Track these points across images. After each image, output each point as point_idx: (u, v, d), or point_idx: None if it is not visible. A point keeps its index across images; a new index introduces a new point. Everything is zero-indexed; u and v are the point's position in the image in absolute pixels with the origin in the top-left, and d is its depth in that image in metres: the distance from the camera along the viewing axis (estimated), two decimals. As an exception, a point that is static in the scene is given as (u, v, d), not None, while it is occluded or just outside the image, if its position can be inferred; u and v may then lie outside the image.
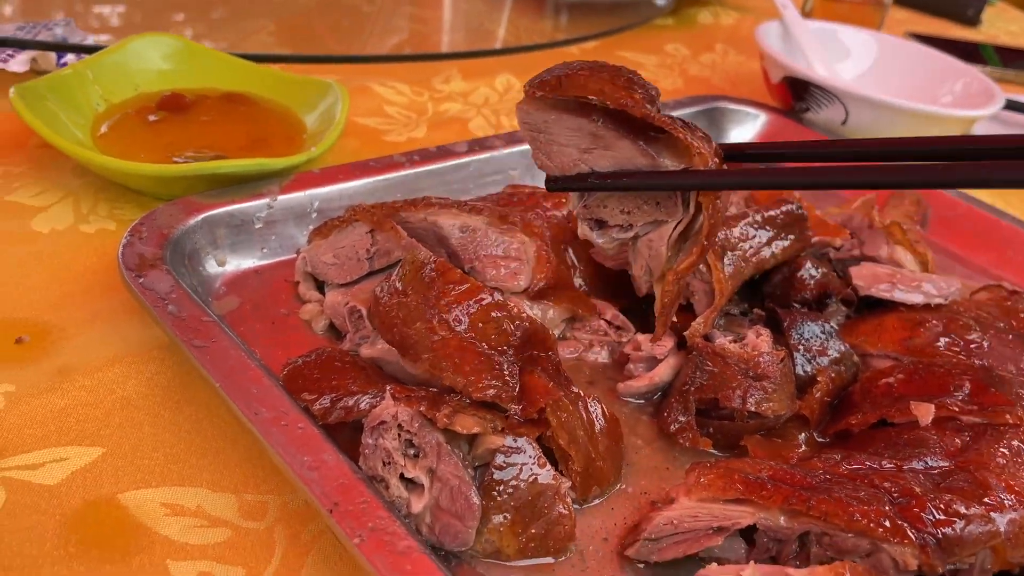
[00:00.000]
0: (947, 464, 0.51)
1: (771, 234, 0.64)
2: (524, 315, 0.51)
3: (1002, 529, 0.46)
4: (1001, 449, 0.52)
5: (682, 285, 0.54)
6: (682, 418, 0.55)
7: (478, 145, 0.78)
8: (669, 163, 0.51)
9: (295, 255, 0.66)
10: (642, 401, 0.59)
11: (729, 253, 0.60)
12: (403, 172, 0.73)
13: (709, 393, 0.55)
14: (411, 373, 0.53)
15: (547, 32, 1.22)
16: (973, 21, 1.71)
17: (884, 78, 1.10)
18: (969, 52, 1.40)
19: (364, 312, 0.57)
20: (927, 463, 0.51)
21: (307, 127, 0.78)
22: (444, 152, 0.76)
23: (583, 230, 0.56)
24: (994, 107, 0.94)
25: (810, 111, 0.96)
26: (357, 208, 0.64)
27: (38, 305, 0.58)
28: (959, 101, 1.02)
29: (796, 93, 0.96)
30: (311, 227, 0.67)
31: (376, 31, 1.15)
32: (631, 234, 0.54)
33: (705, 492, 0.47)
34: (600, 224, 0.55)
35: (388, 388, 0.49)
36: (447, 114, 0.95)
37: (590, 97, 0.50)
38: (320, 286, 0.63)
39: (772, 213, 0.65)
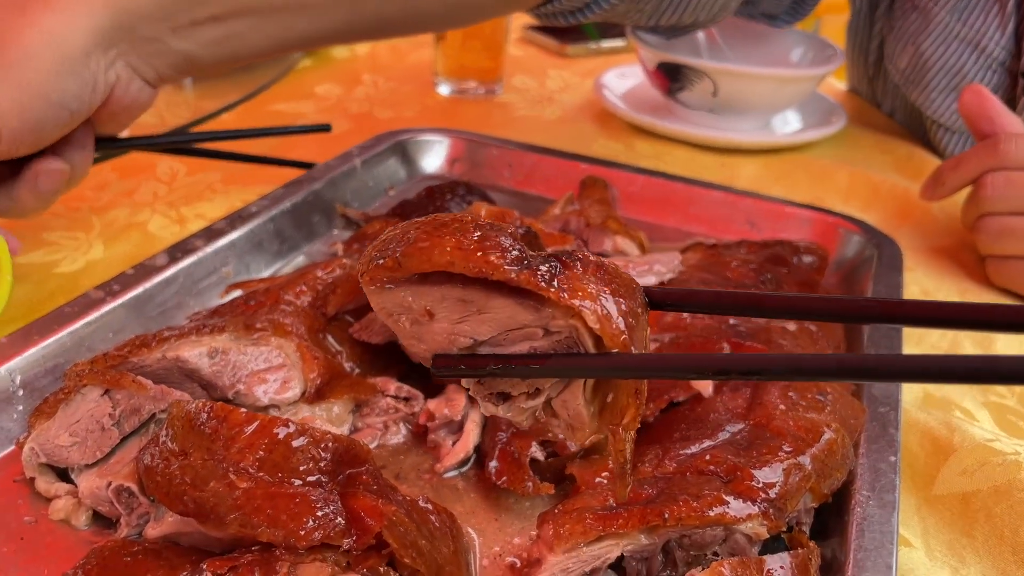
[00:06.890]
0: (743, 425, 0.55)
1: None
2: (328, 435, 0.47)
3: (809, 467, 0.52)
4: (775, 394, 0.58)
5: (632, 436, 0.43)
6: (517, 470, 0.54)
7: (179, 251, 0.71)
8: (557, 315, 0.42)
9: (14, 447, 0.55)
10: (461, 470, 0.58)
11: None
12: (107, 308, 0.63)
13: (535, 437, 0.54)
14: (218, 539, 0.46)
15: (192, 104, 1.14)
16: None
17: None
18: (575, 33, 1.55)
19: (135, 488, 0.49)
20: (729, 431, 0.55)
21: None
22: (144, 270, 0.68)
23: (486, 408, 0.46)
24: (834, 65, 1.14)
25: (684, 90, 1.11)
26: (79, 371, 0.54)
27: None
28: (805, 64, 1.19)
29: (671, 76, 1.11)
30: (20, 407, 0.56)
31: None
32: (542, 399, 0.45)
33: (567, 542, 0.47)
34: (503, 396, 0.45)
35: (203, 566, 0.43)
36: (118, 222, 0.84)
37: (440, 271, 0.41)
38: (64, 474, 0.53)
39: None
